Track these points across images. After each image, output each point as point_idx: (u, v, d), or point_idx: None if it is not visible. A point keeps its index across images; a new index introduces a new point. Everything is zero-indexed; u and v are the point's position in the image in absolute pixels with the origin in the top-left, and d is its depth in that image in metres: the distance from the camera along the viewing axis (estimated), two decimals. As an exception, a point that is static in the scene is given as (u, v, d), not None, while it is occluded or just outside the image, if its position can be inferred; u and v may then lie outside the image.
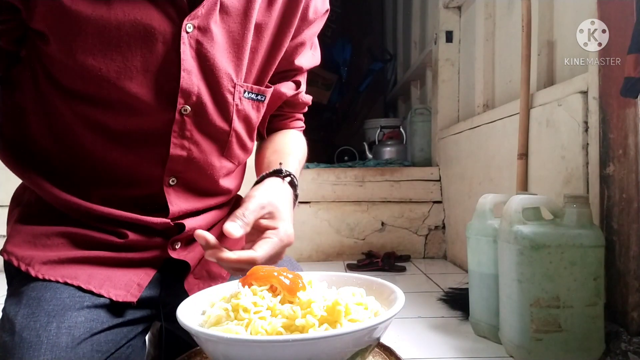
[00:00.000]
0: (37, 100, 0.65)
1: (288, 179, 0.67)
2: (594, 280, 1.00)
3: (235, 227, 0.54)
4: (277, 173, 0.67)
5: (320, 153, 3.19)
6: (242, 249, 0.57)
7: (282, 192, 0.64)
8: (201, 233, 0.55)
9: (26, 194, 0.71)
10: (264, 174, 0.67)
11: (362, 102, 4.40)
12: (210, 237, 0.55)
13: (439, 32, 2.44)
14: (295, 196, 0.68)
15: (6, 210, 0.73)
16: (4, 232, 0.72)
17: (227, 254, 0.54)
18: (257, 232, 0.59)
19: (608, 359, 1.00)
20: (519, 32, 1.52)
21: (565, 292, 0.99)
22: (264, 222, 0.59)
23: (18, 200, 0.72)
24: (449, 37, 2.42)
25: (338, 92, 4.04)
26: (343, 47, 3.94)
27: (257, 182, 0.66)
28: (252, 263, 0.53)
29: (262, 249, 0.56)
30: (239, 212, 0.57)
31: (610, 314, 1.05)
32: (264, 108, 0.74)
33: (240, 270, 0.55)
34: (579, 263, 0.99)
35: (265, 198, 0.60)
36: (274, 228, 0.59)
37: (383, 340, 0.51)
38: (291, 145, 0.78)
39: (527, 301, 1.01)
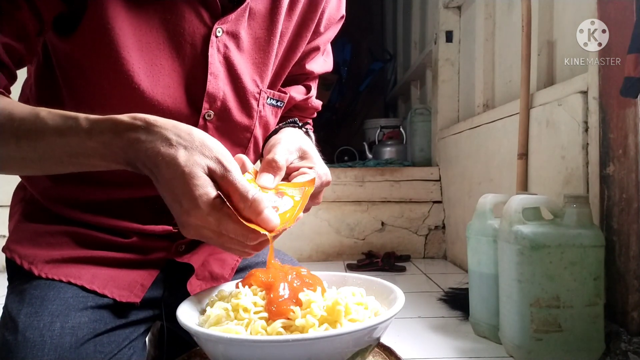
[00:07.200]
0: (46, 104, 0.64)
1: (304, 128, 0.65)
2: (594, 280, 1.00)
3: (268, 180, 0.52)
4: (292, 123, 0.66)
5: (321, 153, 3.19)
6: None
7: (305, 137, 0.62)
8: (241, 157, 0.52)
9: (28, 189, 0.71)
10: (278, 126, 0.65)
11: (362, 102, 4.40)
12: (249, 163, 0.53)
13: (439, 32, 2.43)
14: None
15: (6, 210, 0.73)
16: (4, 232, 0.72)
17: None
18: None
19: (608, 359, 1.00)
20: (519, 32, 1.52)
21: (565, 292, 0.99)
22: (297, 163, 0.57)
23: (20, 195, 0.72)
24: (449, 37, 2.42)
25: (338, 92, 4.05)
26: (343, 47, 3.94)
27: (272, 133, 0.64)
28: None
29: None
30: (269, 159, 0.53)
31: (610, 314, 1.05)
32: (280, 114, 0.74)
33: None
34: (579, 263, 0.99)
35: (292, 143, 0.58)
36: (309, 167, 0.56)
37: (383, 340, 0.51)
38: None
39: (527, 301, 1.01)
